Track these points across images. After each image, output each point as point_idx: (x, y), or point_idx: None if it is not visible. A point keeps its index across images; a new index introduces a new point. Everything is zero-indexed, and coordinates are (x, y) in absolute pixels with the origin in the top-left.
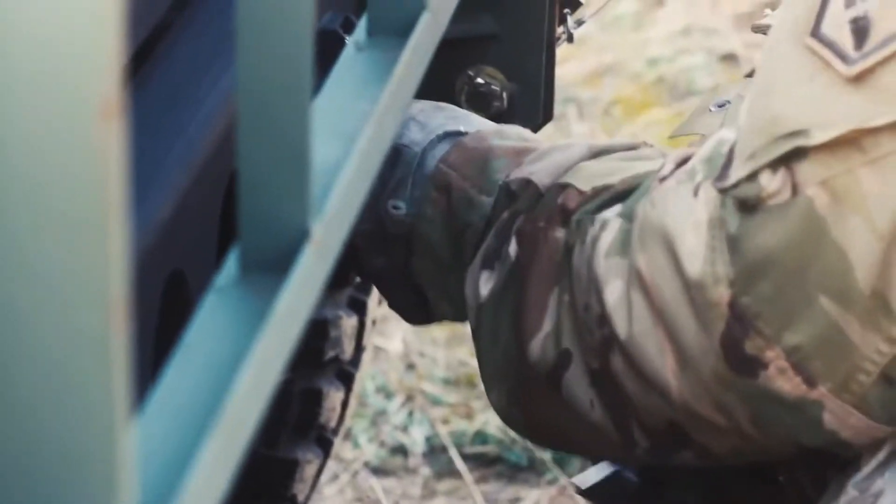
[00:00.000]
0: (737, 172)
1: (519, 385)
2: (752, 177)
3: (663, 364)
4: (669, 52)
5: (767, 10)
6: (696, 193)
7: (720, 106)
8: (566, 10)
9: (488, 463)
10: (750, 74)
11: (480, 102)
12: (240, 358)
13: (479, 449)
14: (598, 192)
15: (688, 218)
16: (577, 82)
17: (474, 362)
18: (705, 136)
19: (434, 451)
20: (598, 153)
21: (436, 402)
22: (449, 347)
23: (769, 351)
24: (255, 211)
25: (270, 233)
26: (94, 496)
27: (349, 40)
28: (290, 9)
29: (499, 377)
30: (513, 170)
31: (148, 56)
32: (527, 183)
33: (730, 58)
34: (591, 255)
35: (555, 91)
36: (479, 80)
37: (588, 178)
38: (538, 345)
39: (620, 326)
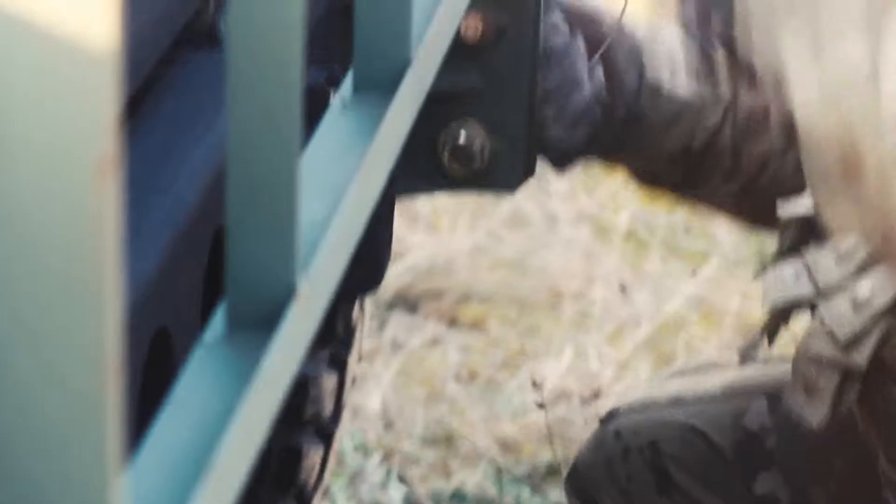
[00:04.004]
0: None
1: None
2: None
3: None
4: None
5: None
6: None
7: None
8: None
9: None
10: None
11: (463, 157)
12: (228, 414)
13: None
14: None
15: None
16: None
17: (452, 420)
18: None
19: None
20: None
21: (414, 460)
22: (427, 406)
23: None
24: (242, 267)
25: (257, 289)
26: None
27: (334, 94)
28: (280, 65)
29: None
30: None
31: (136, 111)
32: None
33: None
34: None
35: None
36: (463, 135)
37: None
38: None
39: None
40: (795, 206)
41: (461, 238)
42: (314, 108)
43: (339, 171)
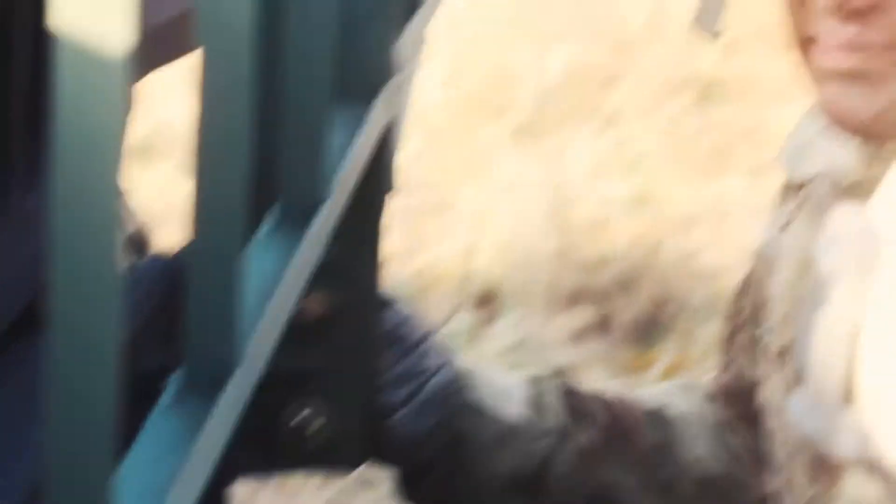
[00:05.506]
0: None
1: None
2: None
3: None
4: (503, 366)
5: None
6: None
7: None
8: None
9: None
10: None
11: (302, 438)
12: None
13: None
14: None
15: None
16: None
17: None
18: None
19: None
20: None
21: None
22: None
23: None
24: None
25: None
26: None
27: (167, 385)
28: (95, 370)
29: None
30: None
31: None
32: None
33: (563, 372)
34: None
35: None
36: (303, 413)
37: None
38: None
39: None
40: None
41: (310, 499)
42: (147, 398)
43: (160, 474)
